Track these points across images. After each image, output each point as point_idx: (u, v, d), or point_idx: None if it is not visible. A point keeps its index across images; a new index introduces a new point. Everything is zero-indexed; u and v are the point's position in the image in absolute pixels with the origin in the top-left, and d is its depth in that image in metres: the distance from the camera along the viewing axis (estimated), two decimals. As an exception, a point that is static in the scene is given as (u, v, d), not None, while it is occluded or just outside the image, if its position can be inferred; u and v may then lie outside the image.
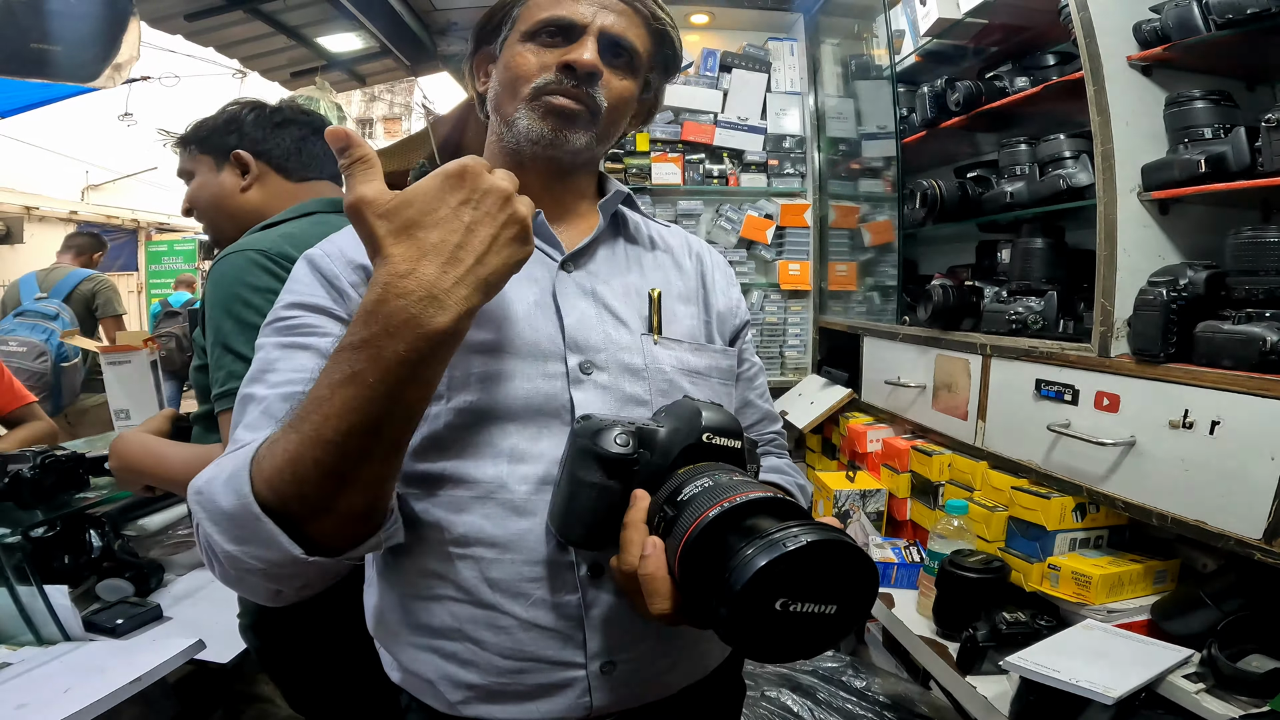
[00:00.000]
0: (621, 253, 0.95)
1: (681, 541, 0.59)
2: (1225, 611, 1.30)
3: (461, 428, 0.79)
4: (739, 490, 0.60)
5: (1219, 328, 1.25)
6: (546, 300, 0.86)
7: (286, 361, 0.76)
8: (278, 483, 0.61)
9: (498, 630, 0.79)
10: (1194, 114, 1.43)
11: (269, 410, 0.72)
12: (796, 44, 2.99)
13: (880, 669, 2.04)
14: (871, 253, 2.71)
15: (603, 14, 0.86)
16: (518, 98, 0.86)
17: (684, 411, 0.73)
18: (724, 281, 1.04)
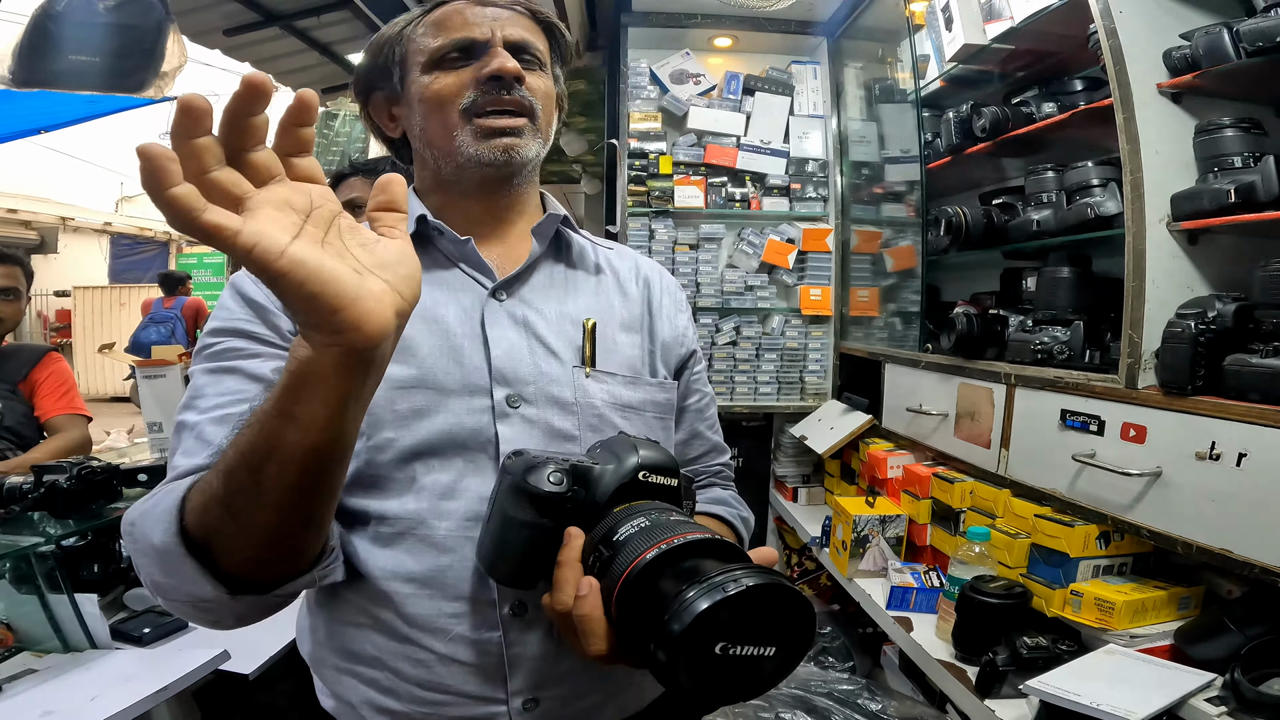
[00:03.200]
0: (560, 278, 0.93)
1: (618, 583, 0.58)
2: (1249, 636, 1.29)
3: (383, 465, 0.78)
4: (677, 531, 0.60)
5: (1248, 361, 1.24)
6: (474, 330, 0.84)
7: (214, 386, 0.76)
8: (199, 517, 0.62)
9: (416, 663, 0.79)
10: (1224, 142, 1.41)
11: (201, 435, 0.72)
12: (819, 67, 3.01)
13: (896, 692, 2.02)
14: (894, 278, 2.70)
15: (499, 25, 0.86)
16: (449, 124, 0.85)
17: (619, 448, 0.72)
18: (671, 308, 1.01)
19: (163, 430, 1.96)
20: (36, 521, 1.61)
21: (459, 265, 0.88)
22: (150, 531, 0.63)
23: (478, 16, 0.86)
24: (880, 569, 2.07)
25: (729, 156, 2.92)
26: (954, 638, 1.61)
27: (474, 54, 0.86)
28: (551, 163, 5.39)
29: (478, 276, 0.88)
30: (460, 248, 0.88)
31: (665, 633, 0.52)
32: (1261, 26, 1.31)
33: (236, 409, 0.73)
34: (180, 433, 0.75)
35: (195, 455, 0.71)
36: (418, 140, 0.90)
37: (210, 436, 0.72)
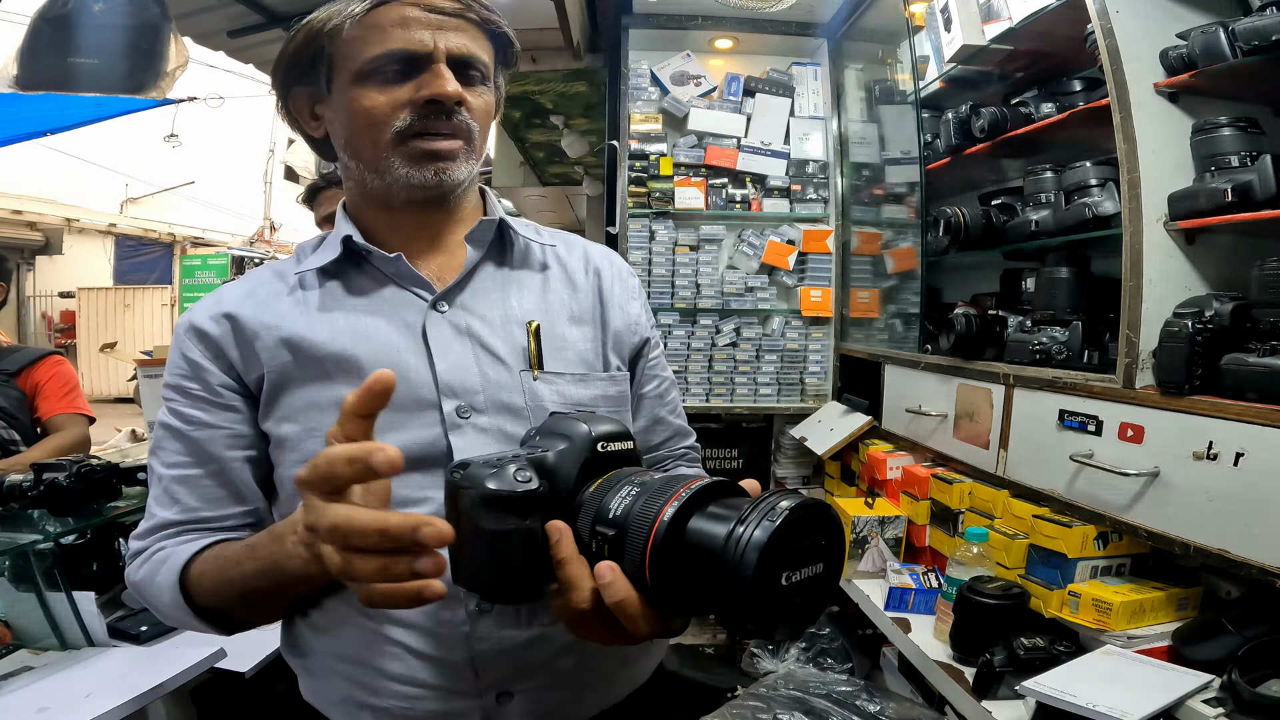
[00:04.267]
0: (500, 279, 0.90)
1: (646, 553, 0.55)
2: (1247, 637, 1.29)
3: None
4: (674, 486, 0.57)
5: (1245, 360, 1.23)
6: (417, 344, 0.83)
7: (169, 444, 0.84)
8: (210, 600, 0.77)
9: (392, 658, 0.80)
10: (1220, 141, 1.41)
11: (169, 490, 0.83)
12: (820, 69, 3.00)
13: (895, 693, 2.01)
14: (894, 280, 2.70)
15: (443, 36, 0.80)
16: (379, 144, 0.81)
17: (563, 428, 0.66)
18: (623, 295, 0.97)
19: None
20: (36, 519, 1.61)
21: (394, 282, 0.87)
22: (158, 596, 0.80)
23: (420, 23, 0.79)
24: (879, 570, 2.07)
25: (729, 158, 2.92)
26: (951, 639, 1.60)
27: (413, 69, 0.80)
28: (554, 165, 5.39)
29: (415, 290, 0.86)
30: (392, 265, 0.86)
31: (734, 579, 0.50)
32: (1257, 25, 1.30)
33: (192, 472, 0.83)
34: (150, 474, 0.86)
35: (167, 508, 0.83)
36: (343, 151, 0.87)
37: (176, 494, 0.83)
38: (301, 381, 0.82)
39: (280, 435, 0.82)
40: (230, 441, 0.83)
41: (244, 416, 0.84)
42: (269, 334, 0.83)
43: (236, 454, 0.84)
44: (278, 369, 0.82)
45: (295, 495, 0.77)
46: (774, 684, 2.10)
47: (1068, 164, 1.78)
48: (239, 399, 0.84)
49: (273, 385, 0.82)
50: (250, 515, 0.85)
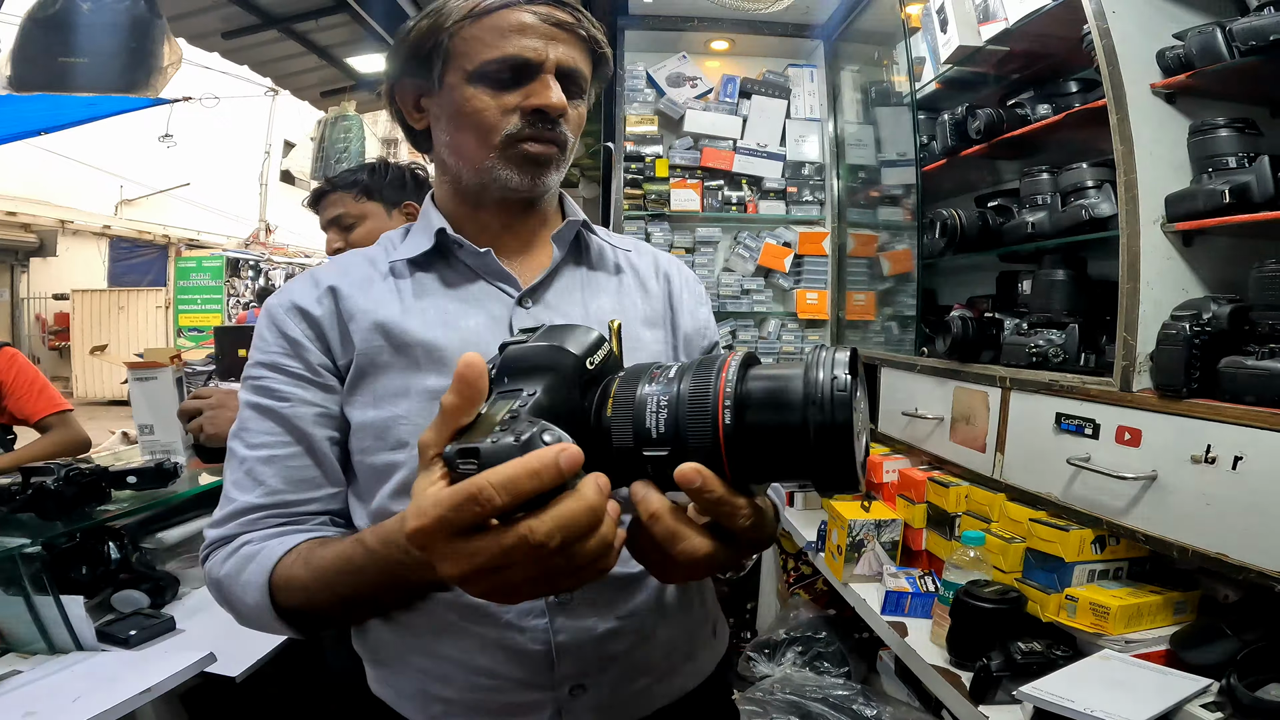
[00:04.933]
0: (580, 280, 0.94)
1: (720, 444, 0.51)
2: (1245, 641, 1.28)
3: None
4: (705, 379, 0.52)
5: (1243, 363, 1.23)
6: (503, 338, 0.83)
7: (257, 423, 0.84)
8: (299, 604, 0.76)
9: (470, 651, 0.81)
10: (1218, 143, 1.41)
11: (252, 472, 0.82)
12: (816, 70, 3.02)
13: (892, 698, 2.01)
14: (890, 282, 2.70)
15: (553, 47, 0.84)
16: (487, 146, 0.85)
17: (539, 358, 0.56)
18: (692, 301, 1.02)
19: (154, 433, 1.95)
20: (24, 523, 1.60)
21: (482, 277, 0.90)
22: (241, 594, 0.77)
23: (535, 32, 0.83)
24: (875, 574, 2.06)
25: (725, 160, 2.93)
26: (948, 643, 1.59)
27: (523, 76, 0.84)
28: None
29: (502, 286, 0.89)
30: (481, 260, 0.89)
31: (822, 429, 0.48)
32: (1255, 25, 1.29)
33: (281, 451, 0.83)
34: (230, 459, 0.85)
35: (248, 491, 0.82)
36: (444, 146, 0.90)
37: (260, 476, 0.82)
38: (390, 368, 0.84)
39: (364, 420, 0.83)
40: (323, 421, 0.84)
41: (336, 398, 0.86)
42: (364, 317, 0.85)
43: (326, 433, 0.85)
44: (369, 353, 0.84)
45: (373, 481, 0.84)
46: (770, 688, 2.10)
47: (1064, 165, 1.78)
48: (334, 379, 0.86)
49: (360, 369, 0.84)
50: (332, 500, 0.86)
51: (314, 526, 0.83)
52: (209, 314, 11.62)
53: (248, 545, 0.79)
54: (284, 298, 0.88)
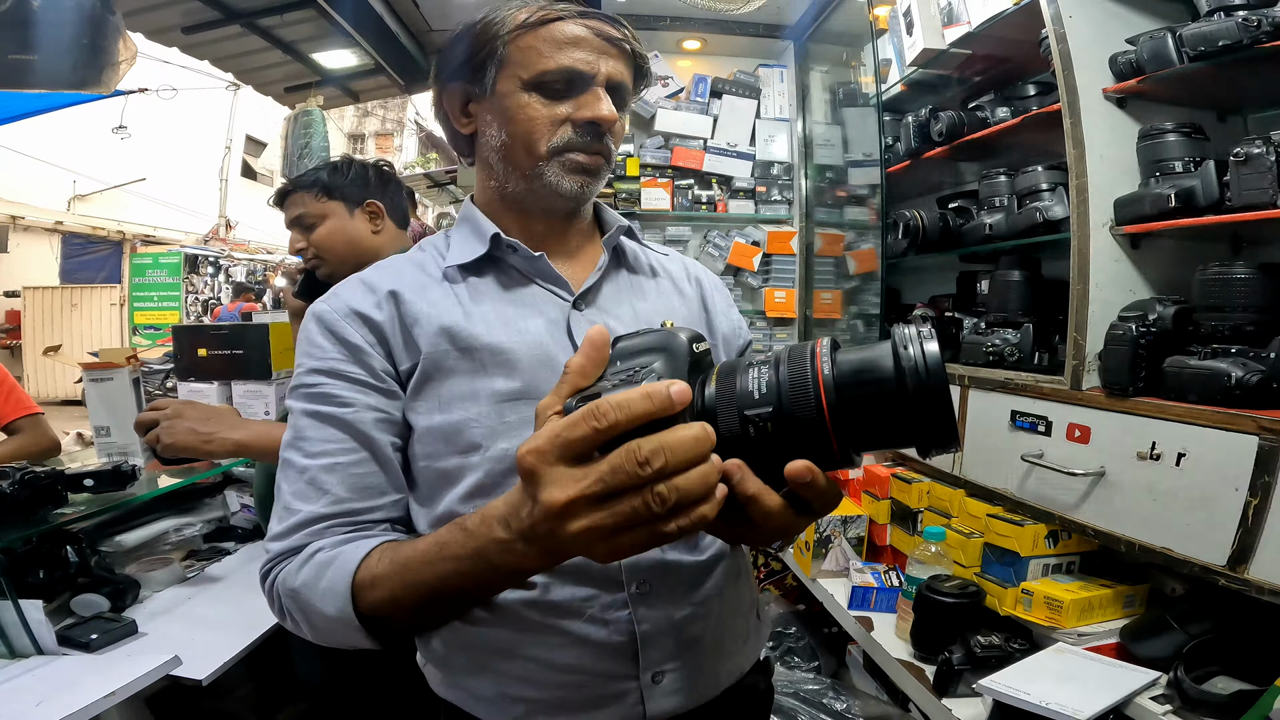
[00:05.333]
0: (625, 283, 0.99)
1: (824, 409, 0.54)
2: (1191, 634, 1.34)
3: (502, 473, 0.83)
4: (802, 350, 0.56)
5: (1186, 363, 1.28)
6: (563, 340, 0.89)
7: (316, 431, 0.83)
8: (382, 609, 0.72)
9: (554, 648, 0.83)
10: (1166, 147, 1.46)
11: (315, 481, 0.81)
12: (786, 71, 3.05)
13: (861, 691, 2.06)
14: (856, 281, 2.75)
15: (604, 61, 0.88)
16: (535, 155, 0.88)
17: (655, 343, 0.62)
18: (724, 304, 1.08)
19: (110, 435, 1.94)
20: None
21: (534, 281, 0.93)
22: (321, 604, 0.74)
23: (589, 46, 0.87)
24: (842, 569, 2.11)
25: (696, 159, 2.96)
26: (912, 637, 1.65)
27: (575, 88, 0.88)
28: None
29: (555, 290, 0.92)
30: (534, 264, 0.92)
31: (925, 397, 0.53)
32: (1204, 31, 1.34)
33: (344, 458, 0.82)
34: (286, 470, 0.84)
35: (313, 501, 0.81)
36: (494, 151, 0.92)
37: (323, 484, 0.81)
38: (456, 371, 0.85)
39: (430, 425, 0.85)
40: (386, 426, 0.85)
41: (398, 403, 0.86)
42: (429, 321, 0.86)
43: (389, 439, 0.85)
44: (435, 357, 0.85)
45: (439, 486, 0.85)
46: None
47: (1021, 168, 1.83)
48: (396, 385, 0.87)
49: (425, 373, 0.85)
50: (396, 507, 0.86)
51: (379, 534, 0.82)
52: (166, 311, 11.42)
53: (321, 552, 0.78)
54: (338, 303, 0.88)
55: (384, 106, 18.88)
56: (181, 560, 2.18)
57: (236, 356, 2.29)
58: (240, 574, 2.18)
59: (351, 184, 1.73)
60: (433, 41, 3.28)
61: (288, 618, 0.80)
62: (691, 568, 0.89)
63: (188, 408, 1.47)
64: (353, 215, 1.74)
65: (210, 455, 1.48)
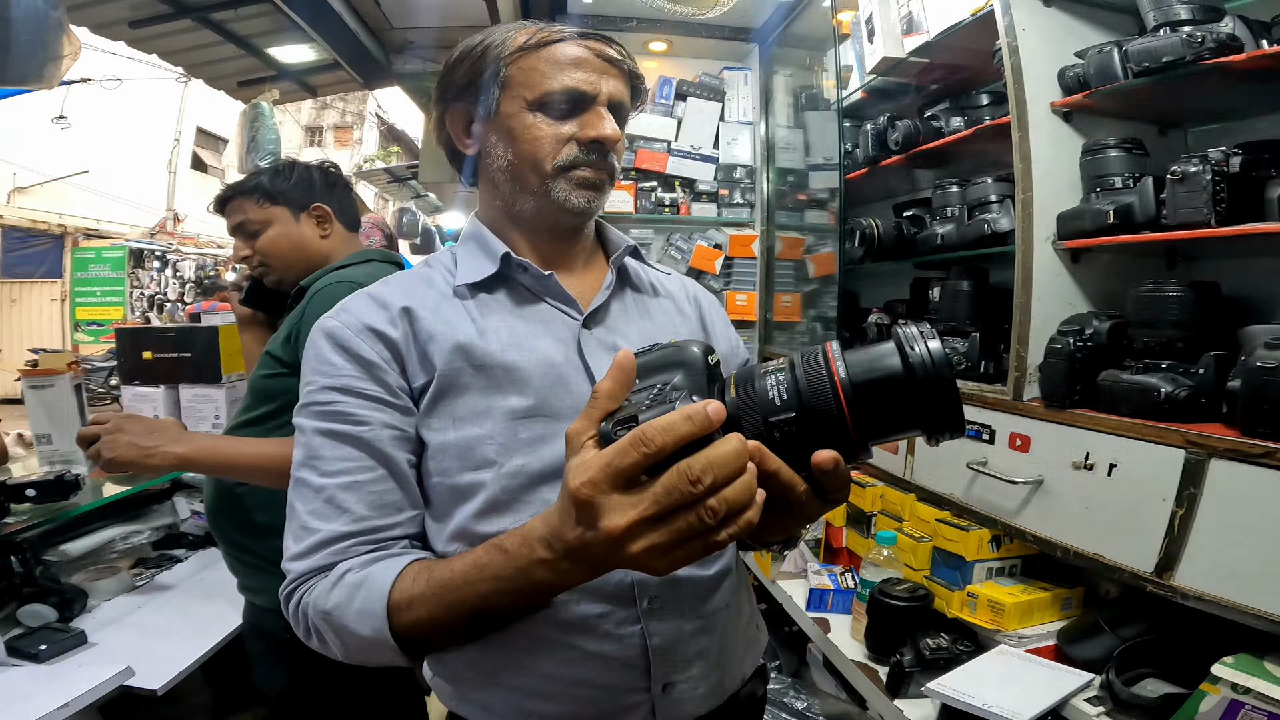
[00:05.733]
0: (631, 303, 1.02)
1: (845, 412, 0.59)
2: (1122, 637, 1.41)
3: (516, 489, 0.86)
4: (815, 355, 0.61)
5: (1119, 377, 1.34)
6: (574, 359, 0.92)
7: (332, 450, 0.85)
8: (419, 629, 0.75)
9: (568, 663, 0.86)
10: (1107, 163, 1.49)
11: (334, 500, 0.83)
12: (750, 74, 3.09)
13: (821, 690, 2.12)
14: (815, 284, 2.81)
15: (605, 81, 0.92)
16: (542, 173, 0.92)
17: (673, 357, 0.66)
18: (722, 323, 1.13)
19: (52, 443, 1.93)
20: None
21: (544, 299, 0.96)
22: (357, 627, 0.76)
23: (590, 66, 0.92)
24: (800, 570, 2.17)
25: (660, 161, 2.98)
26: (866, 639, 1.72)
27: (578, 107, 0.91)
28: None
29: (565, 309, 0.95)
30: (544, 283, 0.95)
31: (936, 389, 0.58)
32: (1148, 46, 1.36)
33: (363, 476, 0.84)
34: (301, 489, 0.85)
35: (334, 520, 0.82)
36: (500, 171, 0.95)
37: (343, 503, 0.83)
38: (470, 389, 0.88)
39: (443, 441, 0.87)
40: (402, 443, 0.87)
41: (413, 420, 0.89)
42: (444, 338, 0.89)
43: (405, 455, 0.87)
44: (450, 374, 0.88)
45: (452, 502, 0.87)
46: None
47: (973, 177, 1.88)
48: (410, 401, 0.89)
49: (440, 390, 0.88)
50: (414, 523, 0.88)
51: (401, 551, 0.84)
52: (110, 307, 11.16)
53: (351, 573, 0.79)
54: (350, 319, 0.89)
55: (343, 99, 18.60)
56: (130, 568, 2.17)
57: (184, 359, 2.28)
58: (192, 581, 2.17)
59: (295, 187, 1.71)
60: (393, 40, 3.26)
61: (314, 637, 0.82)
62: (700, 582, 0.93)
63: (129, 421, 1.46)
64: (299, 220, 1.72)
65: (153, 470, 1.48)
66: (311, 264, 1.70)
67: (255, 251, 1.72)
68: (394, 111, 16.67)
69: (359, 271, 1.56)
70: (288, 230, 1.71)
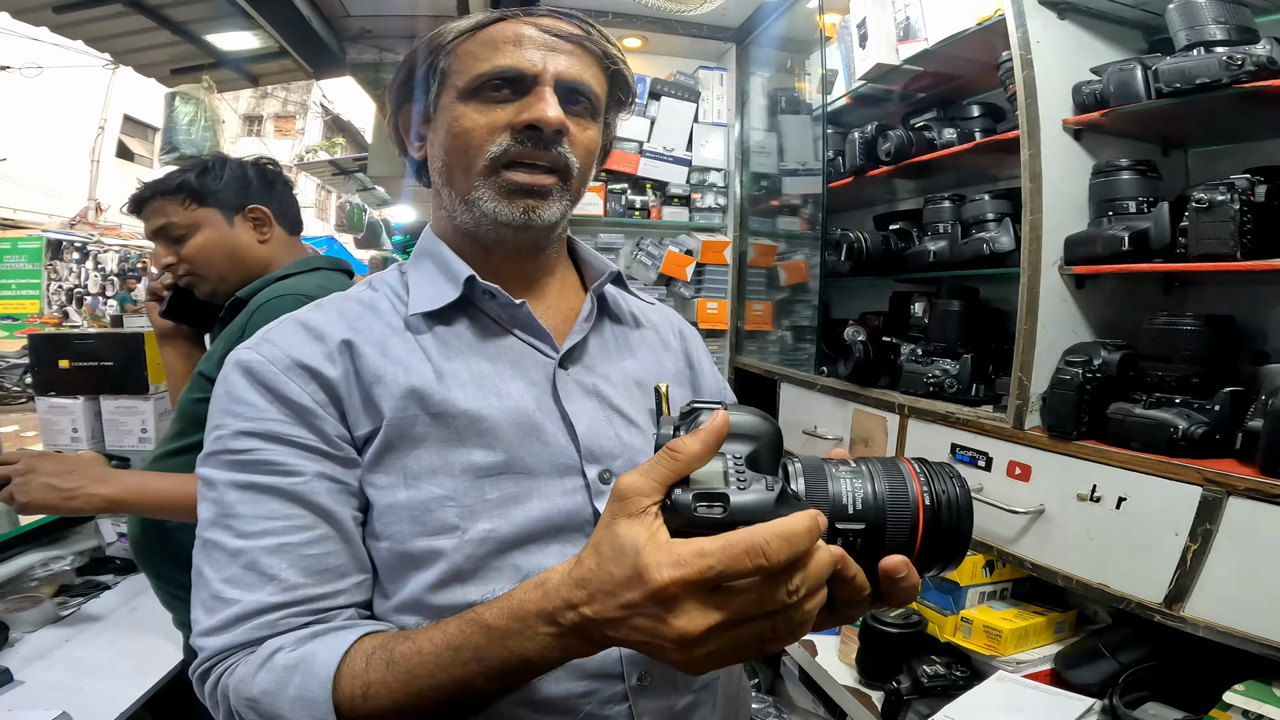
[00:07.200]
0: (610, 336, 0.92)
1: (918, 538, 0.59)
2: (1122, 663, 1.43)
3: (483, 557, 0.75)
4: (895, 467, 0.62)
5: (1131, 411, 1.34)
6: (549, 404, 0.81)
7: (252, 507, 0.72)
8: (380, 715, 0.64)
9: None
10: (1120, 185, 1.46)
11: (255, 565, 0.70)
12: (727, 74, 3.05)
13: (800, 708, 2.11)
14: (787, 292, 2.80)
15: (553, 58, 0.80)
16: (473, 172, 0.81)
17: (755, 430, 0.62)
18: (708, 361, 1.04)
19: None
20: None
21: (512, 332, 0.85)
22: (292, 715, 0.65)
23: (533, 43, 0.80)
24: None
25: (630, 163, 2.93)
26: (858, 665, 1.72)
27: (519, 88, 0.80)
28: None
29: (538, 345, 0.84)
30: (514, 313, 0.84)
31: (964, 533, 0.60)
32: (1182, 66, 1.31)
33: (294, 537, 0.71)
34: (212, 553, 0.72)
35: (257, 590, 0.70)
36: (438, 175, 0.86)
37: (268, 568, 0.70)
38: (426, 440, 0.76)
39: (393, 502, 0.75)
40: (345, 499, 0.76)
41: (356, 472, 0.77)
42: (394, 381, 0.77)
43: (350, 512, 0.76)
44: (400, 424, 0.76)
45: (402, 570, 0.75)
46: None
47: (963, 189, 1.87)
48: (353, 451, 0.77)
49: (387, 442, 0.76)
50: (361, 590, 0.76)
51: (344, 623, 0.73)
52: (25, 300, 10.72)
53: (283, 652, 0.68)
54: (274, 352, 0.77)
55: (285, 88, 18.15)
56: (53, 597, 2.05)
57: (106, 369, 2.16)
58: (123, 611, 2.06)
59: (227, 187, 1.55)
60: (348, 28, 3.14)
61: None
62: None
63: (42, 460, 1.33)
64: (232, 224, 1.56)
65: (75, 513, 1.36)
66: (249, 272, 1.55)
67: (181, 259, 1.56)
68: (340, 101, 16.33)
69: (307, 282, 1.43)
70: (220, 235, 1.55)
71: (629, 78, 0.90)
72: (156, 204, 1.55)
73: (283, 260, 1.59)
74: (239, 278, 1.54)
